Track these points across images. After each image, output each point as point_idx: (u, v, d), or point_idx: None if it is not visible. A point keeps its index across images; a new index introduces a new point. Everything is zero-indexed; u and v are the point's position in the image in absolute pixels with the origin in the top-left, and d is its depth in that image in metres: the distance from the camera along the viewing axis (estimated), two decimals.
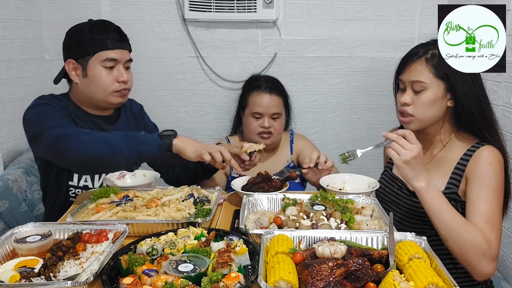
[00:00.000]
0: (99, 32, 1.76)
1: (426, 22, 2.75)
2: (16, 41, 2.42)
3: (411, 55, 1.65)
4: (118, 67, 1.80)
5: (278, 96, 2.25)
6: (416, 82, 1.60)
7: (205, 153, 1.56)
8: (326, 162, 1.80)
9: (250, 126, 2.23)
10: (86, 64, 1.77)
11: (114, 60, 1.78)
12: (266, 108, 2.20)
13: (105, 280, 1.04)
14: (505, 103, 2.10)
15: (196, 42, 2.74)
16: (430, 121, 1.65)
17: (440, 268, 1.04)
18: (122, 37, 1.82)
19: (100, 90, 1.79)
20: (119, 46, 1.79)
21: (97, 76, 1.77)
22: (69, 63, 1.79)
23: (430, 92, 1.59)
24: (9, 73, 2.37)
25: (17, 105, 2.38)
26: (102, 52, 1.75)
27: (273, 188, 1.69)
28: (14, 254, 1.21)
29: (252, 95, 2.24)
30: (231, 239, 1.21)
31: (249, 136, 2.26)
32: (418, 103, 1.61)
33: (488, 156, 1.56)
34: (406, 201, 1.72)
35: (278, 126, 2.23)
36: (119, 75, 1.79)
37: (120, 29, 1.83)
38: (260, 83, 2.27)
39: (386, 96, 2.85)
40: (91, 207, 1.49)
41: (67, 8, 2.66)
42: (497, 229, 1.50)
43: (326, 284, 0.99)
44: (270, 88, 2.24)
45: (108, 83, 1.78)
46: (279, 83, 2.36)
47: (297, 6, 2.73)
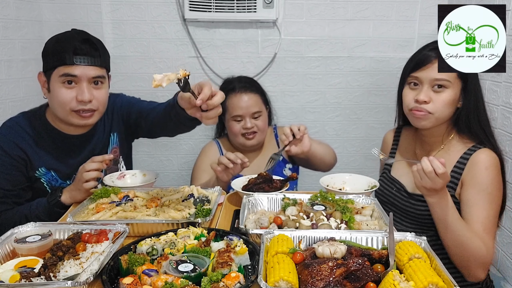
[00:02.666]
0: (61, 44, 1.64)
1: (426, 22, 2.75)
2: (17, 42, 2.42)
3: (429, 54, 1.61)
4: (80, 84, 1.64)
5: (254, 94, 2.19)
6: (440, 80, 1.58)
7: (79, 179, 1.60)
8: (300, 128, 1.84)
9: (233, 129, 2.18)
10: (49, 79, 1.67)
11: (74, 76, 1.63)
12: (245, 108, 2.15)
13: (105, 280, 1.04)
14: (505, 103, 2.10)
15: (196, 42, 2.74)
16: (443, 121, 1.66)
17: (440, 268, 1.04)
18: (91, 51, 1.65)
19: (59, 108, 1.68)
20: (82, 61, 1.63)
21: (56, 92, 1.65)
22: (40, 76, 1.72)
23: (451, 91, 1.59)
24: (10, 73, 2.38)
25: (18, 105, 2.39)
26: (60, 67, 1.63)
27: (273, 188, 1.69)
28: (14, 254, 1.21)
29: (229, 99, 2.18)
30: (231, 239, 1.21)
31: (234, 139, 2.23)
32: (439, 101, 1.60)
33: (484, 161, 1.57)
34: (405, 203, 1.72)
35: (261, 124, 2.19)
36: (79, 94, 1.64)
37: (90, 42, 1.67)
38: (234, 85, 2.21)
39: (386, 96, 2.85)
40: (91, 207, 1.49)
41: (68, 8, 2.66)
42: (493, 236, 1.54)
43: (326, 284, 0.99)
44: (245, 88, 2.19)
45: (65, 101, 1.65)
46: (253, 81, 2.32)
47: (297, 6, 2.73)
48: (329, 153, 2.19)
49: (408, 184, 1.75)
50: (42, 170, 1.76)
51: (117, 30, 2.70)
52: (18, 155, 1.71)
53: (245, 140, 2.18)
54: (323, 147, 2.15)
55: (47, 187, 1.79)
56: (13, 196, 1.73)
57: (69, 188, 1.66)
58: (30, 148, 1.74)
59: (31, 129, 1.76)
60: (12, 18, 2.38)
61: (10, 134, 1.73)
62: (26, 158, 1.73)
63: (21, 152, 1.72)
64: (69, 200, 1.64)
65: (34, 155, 1.74)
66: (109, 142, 1.95)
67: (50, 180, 1.79)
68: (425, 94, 1.60)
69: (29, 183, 1.77)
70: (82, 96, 1.65)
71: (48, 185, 1.79)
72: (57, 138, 1.78)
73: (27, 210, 1.68)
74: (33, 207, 1.67)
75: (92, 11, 2.66)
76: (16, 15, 2.41)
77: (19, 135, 1.73)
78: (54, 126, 1.78)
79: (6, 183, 1.71)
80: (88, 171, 1.60)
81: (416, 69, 1.64)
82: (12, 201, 1.73)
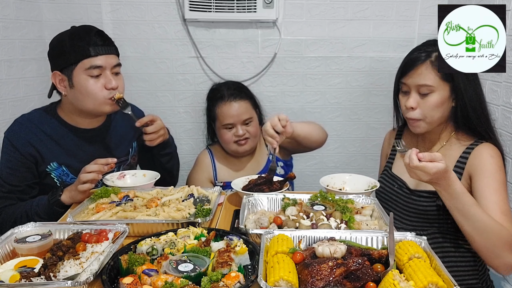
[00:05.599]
0: (79, 39, 1.68)
1: (426, 22, 2.75)
2: (17, 42, 2.42)
3: (414, 59, 1.64)
4: (105, 73, 1.72)
5: (244, 101, 2.17)
6: (423, 86, 1.60)
7: None
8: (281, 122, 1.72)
9: (224, 137, 2.17)
10: (71, 75, 1.70)
11: (99, 67, 1.69)
12: (236, 116, 2.12)
13: (105, 280, 1.04)
14: (505, 103, 2.10)
15: (196, 42, 2.74)
16: (437, 123, 1.67)
17: (440, 268, 1.04)
18: (106, 41, 1.74)
19: (89, 100, 1.72)
20: (103, 51, 1.70)
21: (84, 85, 1.69)
22: (55, 75, 1.74)
23: (437, 95, 1.60)
24: (10, 73, 2.38)
25: (18, 105, 2.39)
26: (85, 60, 1.68)
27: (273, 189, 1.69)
28: (14, 254, 1.21)
29: (219, 107, 2.16)
30: (231, 239, 1.21)
31: (226, 147, 2.21)
32: (426, 106, 1.62)
33: (488, 150, 1.58)
34: (407, 199, 1.72)
35: (253, 129, 2.17)
36: (107, 82, 1.72)
37: (102, 33, 1.75)
38: (223, 93, 2.19)
39: (386, 96, 2.85)
40: (91, 207, 1.49)
41: (68, 8, 2.65)
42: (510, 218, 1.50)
43: (326, 283, 0.99)
44: (234, 95, 2.16)
45: (96, 91, 1.70)
46: (242, 87, 2.30)
47: (297, 6, 2.73)
48: (315, 128, 2.09)
49: (410, 180, 1.75)
50: (54, 165, 1.78)
51: (117, 30, 2.70)
52: (29, 152, 1.74)
53: (238, 147, 2.17)
54: (307, 125, 2.05)
55: (57, 182, 1.80)
56: (18, 192, 1.74)
57: (69, 188, 1.66)
58: (42, 144, 1.76)
59: (43, 124, 1.79)
60: (12, 18, 2.38)
61: (21, 131, 1.76)
62: (37, 155, 1.75)
63: (32, 149, 1.74)
64: (68, 199, 1.64)
65: (46, 150, 1.76)
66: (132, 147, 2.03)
67: (61, 175, 1.80)
68: (412, 100, 1.63)
69: (37, 180, 1.78)
70: (111, 84, 1.72)
71: (58, 180, 1.80)
72: (70, 132, 1.81)
73: (28, 206, 1.69)
74: (34, 204, 1.68)
75: (92, 11, 2.66)
76: (16, 15, 2.41)
77: (30, 131, 1.76)
78: (67, 120, 1.82)
79: (13, 178, 1.73)
80: (88, 173, 1.60)
81: (403, 75, 1.67)
82: (17, 197, 1.75)
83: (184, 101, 2.86)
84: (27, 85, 2.50)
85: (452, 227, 1.61)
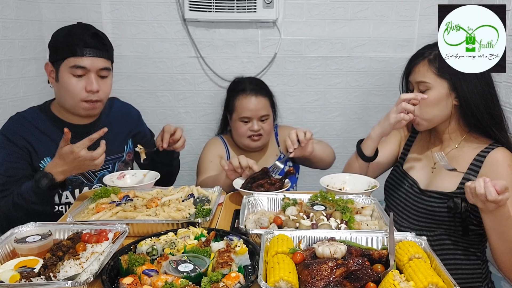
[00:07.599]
0: (72, 37, 1.70)
1: (426, 22, 2.75)
2: (17, 41, 2.42)
3: (416, 56, 1.67)
4: (89, 75, 1.72)
5: (264, 97, 2.20)
6: (420, 82, 1.63)
7: None
8: (306, 134, 1.85)
9: (239, 130, 2.19)
10: (58, 69, 1.72)
11: (83, 68, 1.70)
12: (254, 111, 2.15)
13: (105, 280, 1.04)
14: (505, 103, 2.10)
15: (196, 42, 2.74)
16: (437, 120, 1.67)
17: (440, 268, 1.04)
18: (99, 44, 1.74)
19: (68, 98, 1.74)
20: (91, 53, 1.70)
21: (66, 82, 1.71)
22: (47, 65, 1.77)
23: (434, 92, 1.61)
24: (10, 73, 2.38)
25: (18, 105, 2.38)
26: (71, 58, 1.69)
27: (273, 187, 1.69)
28: (14, 254, 1.21)
29: (238, 99, 2.19)
30: (231, 239, 1.21)
31: (239, 140, 2.23)
32: (423, 103, 1.63)
33: (505, 158, 1.55)
34: (416, 198, 1.71)
35: (267, 127, 2.20)
36: (88, 84, 1.72)
37: (99, 35, 1.76)
38: (245, 86, 2.22)
39: (386, 96, 2.85)
40: (91, 207, 1.49)
41: (68, 8, 2.65)
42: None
43: (326, 284, 0.99)
44: (256, 90, 2.20)
45: (75, 91, 1.72)
46: (263, 84, 2.32)
47: (297, 6, 2.73)
48: (329, 153, 2.21)
49: (421, 180, 1.74)
50: (47, 160, 1.78)
51: (117, 30, 2.70)
52: (23, 145, 1.75)
53: (251, 142, 2.19)
54: (323, 148, 2.16)
55: None
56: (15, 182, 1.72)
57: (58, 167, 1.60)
58: (35, 139, 1.77)
59: (36, 120, 1.81)
60: (12, 18, 2.38)
61: (15, 126, 1.79)
62: (31, 149, 1.76)
63: (26, 142, 1.76)
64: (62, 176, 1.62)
65: (39, 146, 1.77)
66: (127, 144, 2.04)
67: None
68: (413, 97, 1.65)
69: (33, 173, 1.77)
70: (91, 87, 1.72)
71: None
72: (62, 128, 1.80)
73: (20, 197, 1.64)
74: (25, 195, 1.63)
75: (92, 11, 2.66)
76: (16, 15, 2.41)
77: (24, 127, 1.78)
78: (59, 116, 1.84)
79: (11, 170, 1.73)
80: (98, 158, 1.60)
81: (408, 74, 1.71)
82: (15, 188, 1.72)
83: (184, 101, 2.86)
84: (27, 84, 2.50)
85: (459, 229, 1.60)
